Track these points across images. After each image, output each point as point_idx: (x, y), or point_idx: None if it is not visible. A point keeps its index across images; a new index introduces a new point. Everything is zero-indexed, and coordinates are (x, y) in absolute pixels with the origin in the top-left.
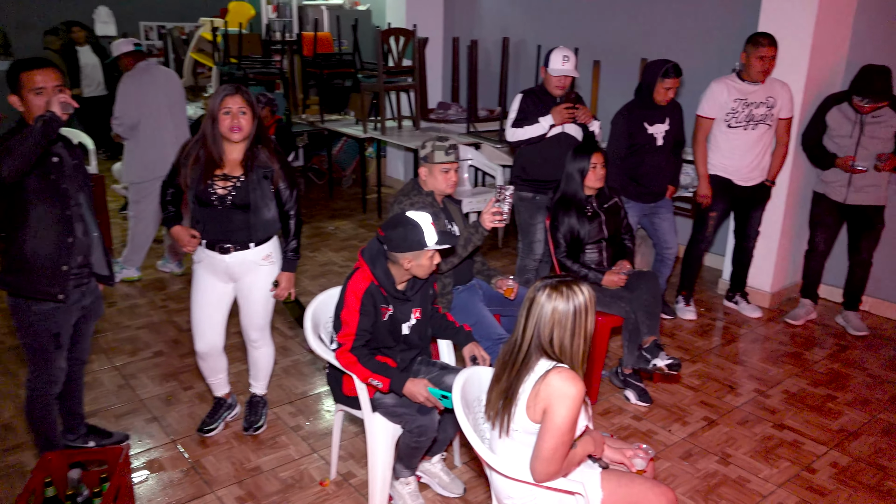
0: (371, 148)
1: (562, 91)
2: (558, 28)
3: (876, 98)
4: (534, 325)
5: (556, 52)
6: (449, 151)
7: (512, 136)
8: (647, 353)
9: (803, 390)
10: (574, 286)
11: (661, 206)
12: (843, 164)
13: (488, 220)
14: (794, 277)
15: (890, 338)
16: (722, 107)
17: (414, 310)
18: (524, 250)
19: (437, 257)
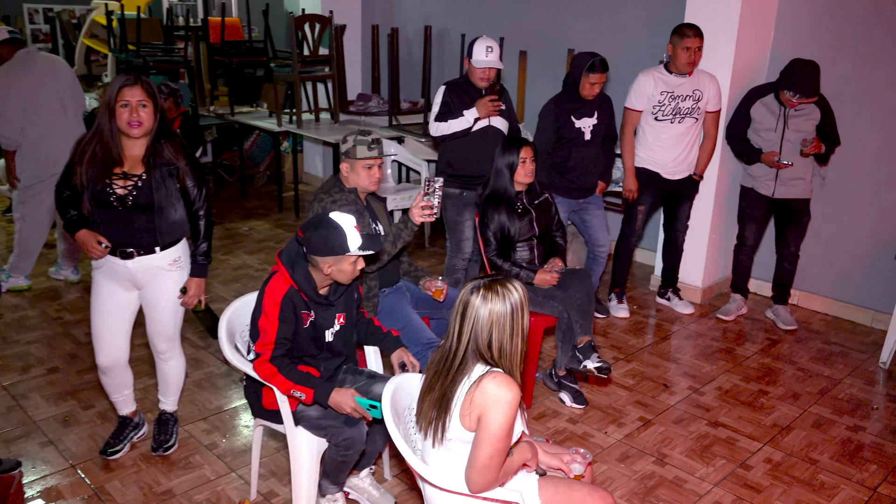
0: (286, 142)
1: (486, 83)
2: (483, 17)
3: (806, 94)
4: (470, 329)
5: (479, 42)
6: (372, 146)
7: (435, 131)
8: (580, 354)
9: (736, 386)
10: (507, 284)
11: (591, 202)
12: (768, 159)
13: (417, 215)
14: (724, 272)
15: (818, 331)
16: (649, 99)
17: (338, 315)
18: (452, 249)
19: (361, 263)
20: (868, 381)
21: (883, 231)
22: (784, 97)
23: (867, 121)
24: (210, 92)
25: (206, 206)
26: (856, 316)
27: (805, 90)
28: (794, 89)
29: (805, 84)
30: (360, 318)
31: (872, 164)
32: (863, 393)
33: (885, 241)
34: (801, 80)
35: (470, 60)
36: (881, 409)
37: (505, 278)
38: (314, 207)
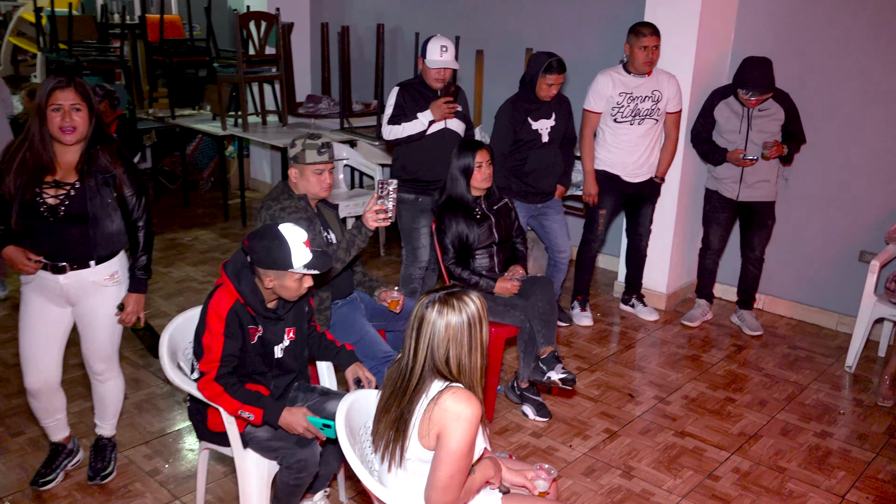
0: (231, 147)
1: (441, 83)
2: (438, 15)
3: (759, 91)
4: (426, 345)
5: (433, 41)
6: (322, 150)
7: (389, 134)
8: (543, 365)
9: (703, 394)
10: (463, 296)
11: (551, 206)
12: (734, 156)
13: (371, 219)
14: (689, 277)
15: (784, 335)
16: (607, 101)
17: (287, 329)
18: (408, 258)
19: (309, 281)
20: (834, 386)
21: (846, 232)
22: (742, 97)
23: (828, 120)
24: (149, 94)
25: (145, 216)
26: (821, 319)
27: (757, 86)
28: (747, 87)
29: (757, 80)
30: (311, 333)
31: (834, 163)
32: (829, 398)
33: (849, 243)
34: (752, 77)
35: (424, 60)
36: (848, 414)
37: (461, 290)
38: (262, 215)
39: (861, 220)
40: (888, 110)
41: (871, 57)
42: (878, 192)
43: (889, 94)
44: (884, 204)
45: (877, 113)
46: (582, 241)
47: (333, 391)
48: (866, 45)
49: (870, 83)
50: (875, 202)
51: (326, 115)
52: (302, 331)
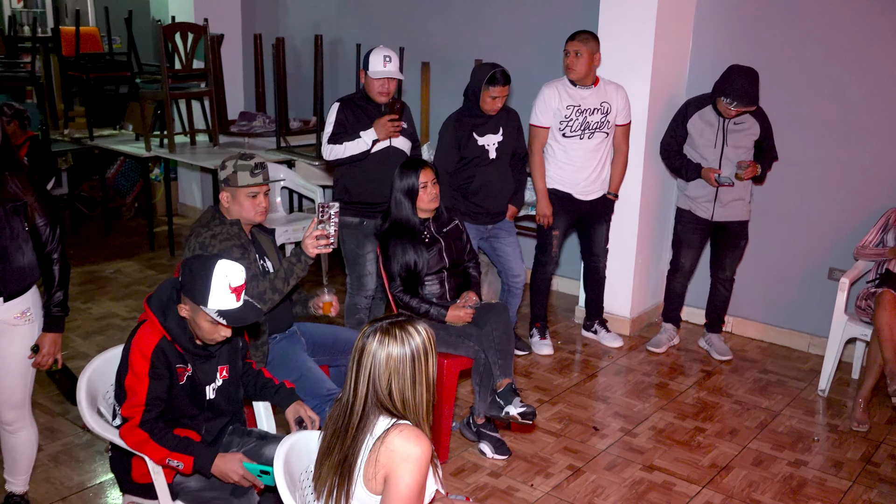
0: (157, 169)
1: (386, 97)
2: (380, 25)
3: (743, 102)
4: (367, 377)
5: (375, 52)
6: (255, 171)
7: (329, 154)
8: (500, 399)
9: (671, 425)
10: (408, 326)
11: (502, 228)
12: (708, 175)
13: (312, 245)
14: (654, 299)
15: (754, 359)
16: (555, 114)
17: (220, 367)
18: (353, 286)
19: (226, 332)
20: (808, 412)
21: (815, 249)
22: (721, 106)
23: (792, 133)
24: (64, 113)
25: (60, 248)
26: (792, 341)
27: (742, 98)
28: (732, 97)
29: (742, 91)
30: (246, 370)
31: (802, 179)
32: (803, 424)
33: (818, 260)
34: (738, 87)
35: (366, 72)
36: (822, 440)
37: (406, 320)
38: (191, 244)
39: (829, 236)
40: (854, 121)
41: (835, 66)
42: (846, 205)
43: (855, 103)
44: (852, 218)
45: (843, 124)
46: (535, 263)
47: (272, 434)
48: (829, 54)
49: (835, 93)
50: (843, 217)
51: (261, 134)
52: (236, 368)
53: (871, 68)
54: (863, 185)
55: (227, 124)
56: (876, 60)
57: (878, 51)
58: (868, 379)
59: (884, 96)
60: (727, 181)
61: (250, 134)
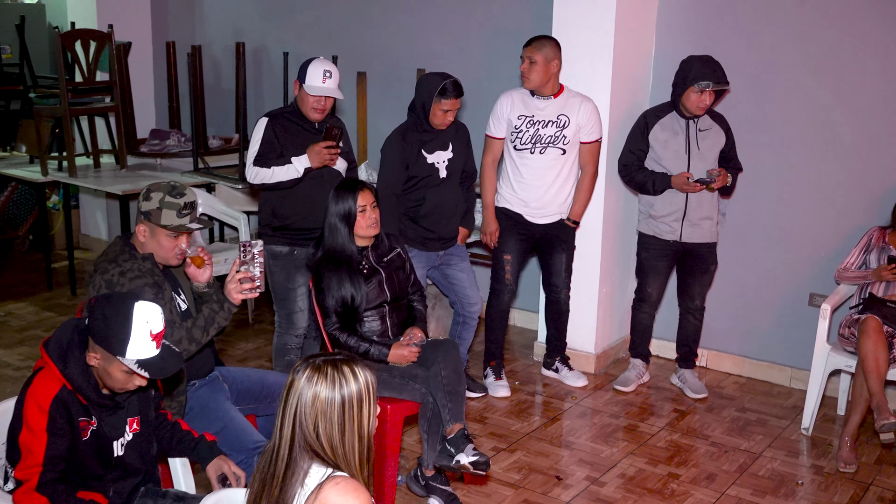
0: (55, 196)
1: (320, 115)
2: (309, 31)
3: (716, 77)
4: (292, 417)
5: (315, 64)
6: (183, 212)
7: (255, 177)
8: (451, 447)
9: (642, 471)
10: (345, 367)
11: (454, 253)
12: (681, 180)
13: (236, 291)
14: (620, 333)
15: (731, 396)
16: (508, 124)
17: (129, 420)
18: (282, 324)
19: (140, 381)
20: (790, 453)
21: (794, 274)
22: (692, 101)
23: (767, 146)
24: None
25: None
26: (772, 375)
27: (710, 76)
28: (704, 78)
29: (711, 70)
30: (161, 422)
31: (776, 197)
32: (785, 467)
33: (798, 286)
34: (702, 68)
35: (302, 85)
36: (807, 484)
37: (345, 360)
38: (95, 281)
39: (809, 259)
40: (832, 133)
41: (810, 75)
42: (825, 225)
43: (832, 114)
44: (832, 239)
45: (819, 136)
46: (490, 293)
47: (191, 495)
48: (804, 61)
49: (810, 103)
50: (822, 237)
51: (176, 154)
52: (148, 420)
53: (849, 77)
54: (842, 203)
55: (137, 144)
56: (854, 68)
57: (856, 58)
58: (854, 415)
59: (863, 106)
60: (706, 180)
61: (163, 154)
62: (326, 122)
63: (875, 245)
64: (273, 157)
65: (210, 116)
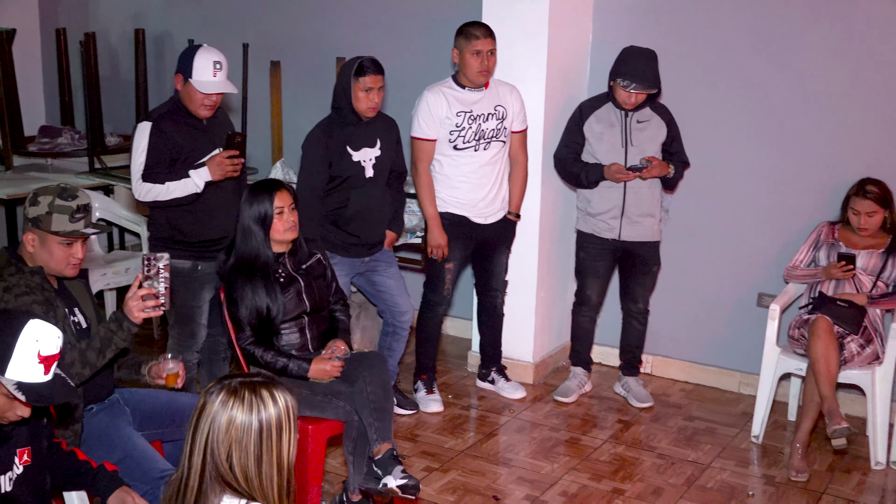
0: None
1: (210, 111)
2: (217, 16)
3: (640, 81)
4: (203, 444)
5: (201, 54)
6: (76, 217)
7: (146, 195)
8: (378, 469)
9: (584, 488)
10: (263, 390)
11: (381, 259)
12: (614, 170)
13: (137, 308)
14: (560, 340)
15: (678, 405)
16: (443, 123)
17: (19, 451)
18: (181, 340)
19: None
20: (741, 462)
21: (741, 274)
22: (619, 94)
23: (711, 139)
24: None
25: None
26: (720, 381)
27: (639, 77)
28: (628, 77)
29: (639, 70)
30: (54, 452)
31: (721, 193)
32: (735, 477)
33: (745, 286)
34: (633, 66)
35: (187, 80)
36: (758, 495)
37: (263, 383)
38: None
39: (756, 258)
40: (778, 126)
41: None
42: (772, 222)
43: (778, 106)
44: (781, 235)
45: (765, 130)
46: (423, 304)
47: None
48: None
49: (756, 96)
50: (771, 235)
51: (69, 154)
52: (41, 451)
53: (799, 70)
54: (792, 198)
55: (24, 142)
56: (804, 61)
57: (806, 50)
58: (805, 420)
59: (813, 100)
60: (638, 166)
61: (55, 154)
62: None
63: (824, 241)
64: (164, 168)
65: (107, 111)
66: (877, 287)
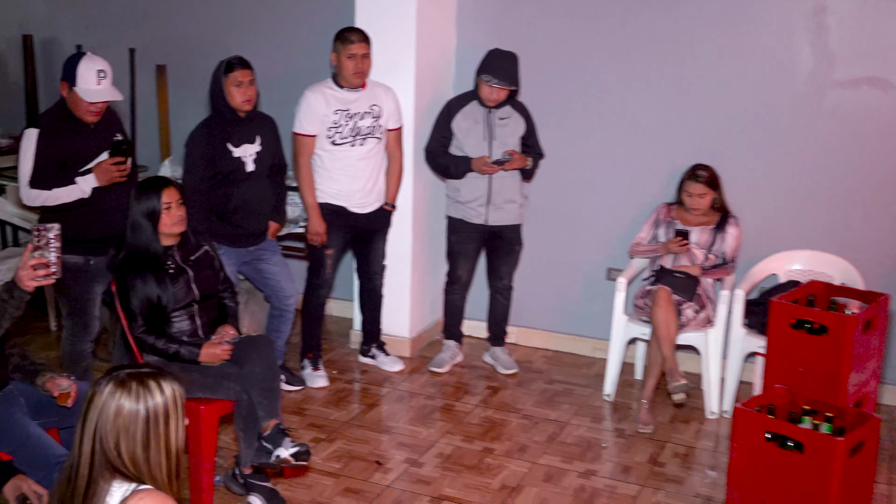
0: None
1: (96, 116)
2: (103, 21)
3: (500, 75)
4: (92, 433)
5: (85, 63)
6: None
7: (34, 200)
8: (268, 443)
9: (459, 449)
10: (150, 381)
11: (265, 248)
12: (480, 163)
13: (28, 277)
14: (434, 316)
15: (540, 370)
16: (322, 121)
17: None
18: (77, 333)
19: None
20: (595, 418)
21: (592, 251)
22: (483, 90)
23: (564, 132)
24: None
25: None
26: (576, 347)
27: (500, 73)
28: (490, 73)
29: (500, 68)
30: None
31: (574, 179)
32: (591, 432)
33: (596, 262)
34: (496, 65)
35: (72, 87)
36: (610, 446)
37: (150, 373)
38: None
39: (605, 236)
40: (621, 118)
41: (599, 63)
42: (619, 204)
43: (620, 99)
44: (626, 216)
45: (609, 121)
46: (307, 288)
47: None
48: (594, 51)
49: (600, 90)
50: (617, 215)
51: None
52: None
53: (639, 64)
54: (634, 182)
55: None
56: (643, 55)
57: (644, 45)
58: (650, 379)
59: (646, 92)
60: (501, 160)
61: None
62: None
63: (663, 220)
64: (52, 173)
65: None
66: (708, 259)
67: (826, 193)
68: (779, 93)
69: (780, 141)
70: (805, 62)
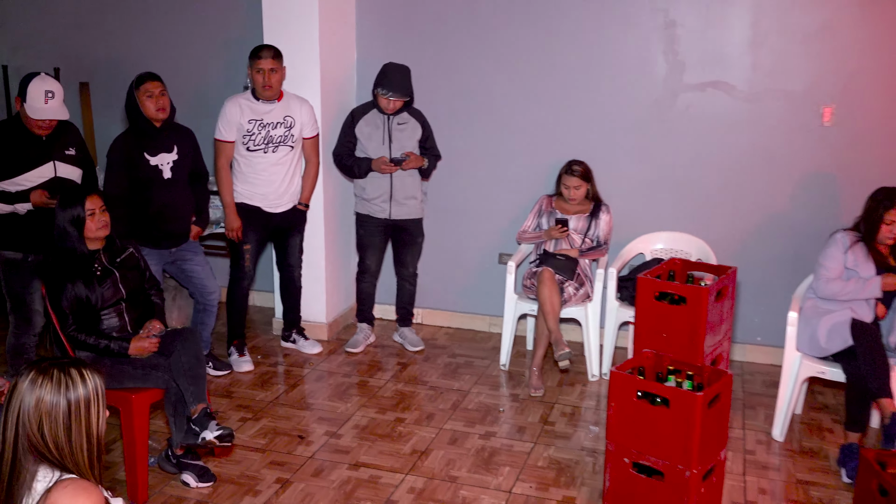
0: None
1: (47, 131)
2: (28, 42)
3: (395, 90)
4: (15, 419)
5: (36, 84)
6: None
7: None
8: (196, 426)
9: (373, 420)
10: (72, 372)
11: (187, 249)
12: (380, 163)
13: None
14: (348, 302)
15: (443, 346)
16: (238, 128)
17: None
18: (19, 326)
19: None
20: (493, 386)
21: (486, 239)
22: (381, 101)
23: (459, 133)
24: None
25: None
26: (475, 324)
27: (395, 87)
28: (386, 87)
29: (395, 82)
30: None
31: (469, 175)
32: (490, 399)
33: (489, 248)
34: (391, 79)
35: (24, 104)
36: (507, 410)
37: (72, 363)
38: None
39: (497, 225)
40: (508, 120)
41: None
42: (508, 196)
43: (505, 103)
44: (514, 207)
45: (498, 123)
46: (230, 280)
47: None
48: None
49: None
50: (507, 206)
51: None
52: None
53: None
54: (519, 178)
55: None
56: (525, 60)
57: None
58: (538, 349)
59: (527, 97)
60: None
61: None
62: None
63: (545, 210)
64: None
65: None
66: (585, 242)
67: (682, 182)
68: (639, 96)
69: (641, 137)
70: (660, 69)
